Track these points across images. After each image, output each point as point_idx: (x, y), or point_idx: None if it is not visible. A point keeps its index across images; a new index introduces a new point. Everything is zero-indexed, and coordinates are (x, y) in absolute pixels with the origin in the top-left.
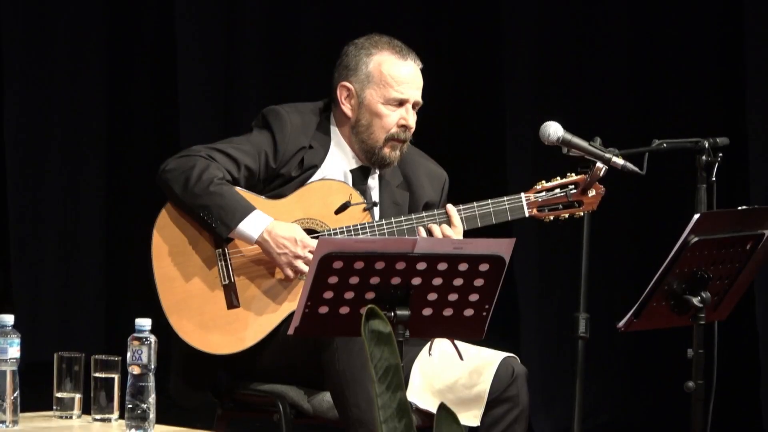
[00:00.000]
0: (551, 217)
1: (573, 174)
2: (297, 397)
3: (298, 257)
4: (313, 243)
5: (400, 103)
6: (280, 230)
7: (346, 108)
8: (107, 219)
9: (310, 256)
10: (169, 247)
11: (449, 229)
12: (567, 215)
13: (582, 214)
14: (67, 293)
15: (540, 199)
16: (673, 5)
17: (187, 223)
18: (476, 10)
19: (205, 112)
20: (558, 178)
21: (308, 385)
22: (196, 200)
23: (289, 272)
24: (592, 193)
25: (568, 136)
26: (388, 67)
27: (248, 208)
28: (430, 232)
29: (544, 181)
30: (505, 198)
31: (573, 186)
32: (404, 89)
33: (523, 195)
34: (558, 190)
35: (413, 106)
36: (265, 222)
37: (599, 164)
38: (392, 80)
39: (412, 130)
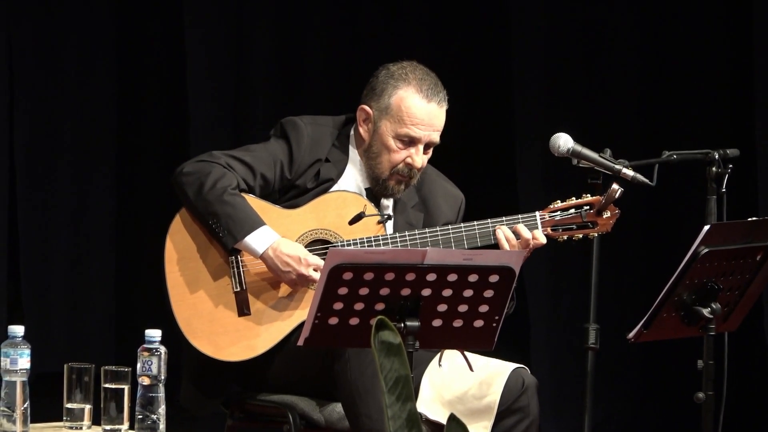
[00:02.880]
0: (565, 237)
1: (588, 195)
2: (308, 408)
3: (301, 275)
4: (318, 261)
5: (412, 141)
6: (285, 248)
7: (363, 130)
8: (117, 229)
9: (315, 275)
10: (181, 252)
11: (527, 231)
12: (581, 235)
13: (595, 235)
14: (77, 304)
15: (555, 219)
16: (682, 17)
17: (201, 229)
18: (485, 22)
19: (214, 125)
20: (573, 198)
21: (319, 396)
22: (208, 207)
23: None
24: (606, 214)
25: (578, 148)
26: (407, 105)
27: (257, 223)
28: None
29: (559, 201)
30: (519, 216)
31: (588, 206)
32: (417, 129)
33: (537, 213)
34: (573, 210)
35: (427, 146)
36: (272, 238)
37: (615, 186)
38: (408, 118)
39: (421, 169)
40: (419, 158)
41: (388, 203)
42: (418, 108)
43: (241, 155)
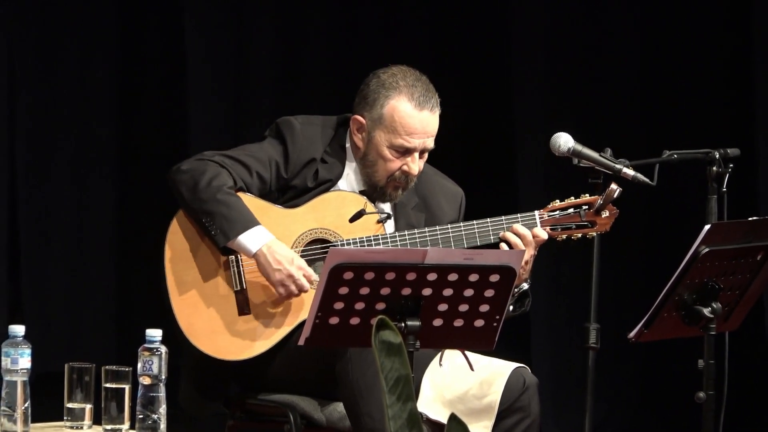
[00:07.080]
0: (564, 237)
1: (587, 194)
2: (309, 408)
3: (291, 277)
4: (309, 269)
5: (407, 151)
6: (279, 248)
7: (357, 139)
8: (118, 229)
9: (304, 280)
10: (182, 252)
11: (526, 230)
12: (580, 235)
13: (594, 234)
14: (78, 304)
15: (554, 218)
16: (683, 17)
17: (199, 229)
18: (485, 22)
19: (215, 126)
20: (572, 197)
21: (320, 396)
22: (202, 205)
23: (281, 291)
24: (605, 214)
25: (579, 147)
26: (400, 116)
27: (251, 222)
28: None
29: (558, 200)
30: (519, 215)
31: (587, 206)
32: (412, 139)
33: (537, 213)
34: (571, 210)
35: (422, 152)
36: (267, 238)
37: (613, 186)
38: (402, 129)
39: (418, 174)
40: (415, 166)
41: (385, 205)
42: (411, 117)
43: (236, 154)
